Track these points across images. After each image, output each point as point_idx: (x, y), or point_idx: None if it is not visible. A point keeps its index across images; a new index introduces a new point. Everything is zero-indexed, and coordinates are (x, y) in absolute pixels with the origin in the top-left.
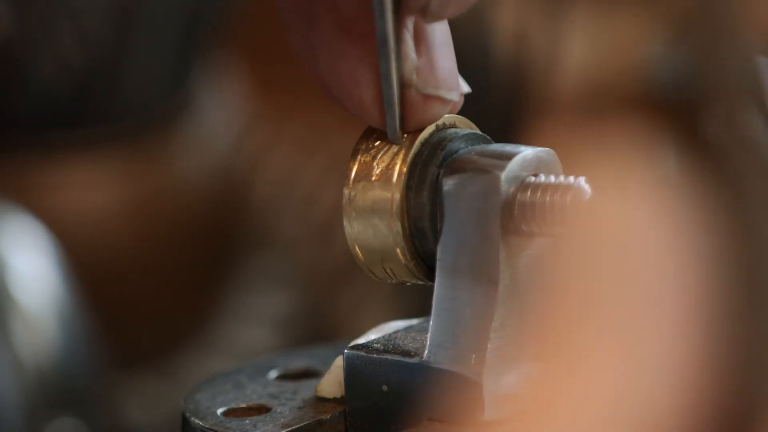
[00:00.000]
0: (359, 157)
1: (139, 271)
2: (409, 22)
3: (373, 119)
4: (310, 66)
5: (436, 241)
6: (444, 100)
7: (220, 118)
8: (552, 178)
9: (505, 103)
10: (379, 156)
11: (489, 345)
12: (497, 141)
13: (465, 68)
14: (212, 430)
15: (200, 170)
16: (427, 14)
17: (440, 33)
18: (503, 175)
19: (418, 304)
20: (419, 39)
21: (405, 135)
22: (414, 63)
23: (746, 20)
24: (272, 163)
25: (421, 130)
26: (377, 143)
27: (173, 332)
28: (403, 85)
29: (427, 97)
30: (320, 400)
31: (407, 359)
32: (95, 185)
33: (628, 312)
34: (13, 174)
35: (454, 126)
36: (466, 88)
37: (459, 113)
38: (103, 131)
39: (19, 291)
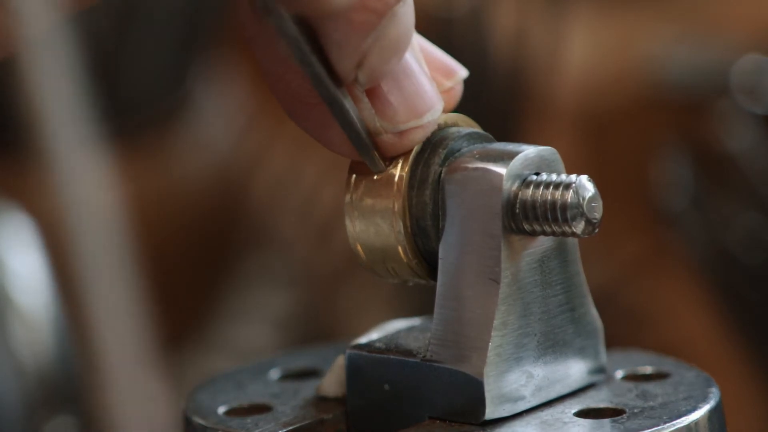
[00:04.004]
0: None
1: (139, 271)
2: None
3: (351, 155)
4: (290, 112)
5: (438, 239)
6: (420, 127)
7: (220, 117)
8: (554, 177)
9: (505, 103)
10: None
11: (490, 343)
12: (499, 140)
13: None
14: (214, 429)
15: (200, 170)
16: (359, 84)
17: (397, 62)
18: (505, 174)
19: (420, 304)
20: (371, 87)
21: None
22: (371, 113)
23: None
24: (271, 162)
25: None
26: None
27: (174, 332)
28: (372, 133)
29: (401, 134)
30: (321, 400)
31: (409, 358)
32: (94, 185)
33: None
34: (12, 174)
35: (456, 125)
36: (462, 72)
37: (459, 114)
38: (102, 131)
39: (18, 291)
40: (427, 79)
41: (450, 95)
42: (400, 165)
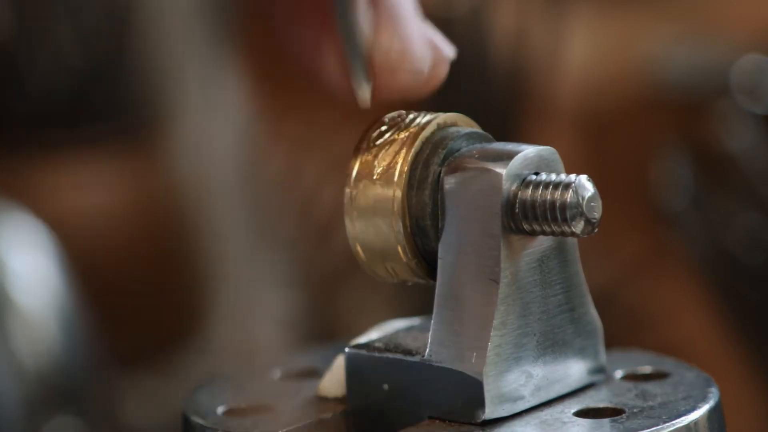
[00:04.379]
0: (360, 155)
1: (139, 270)
2: None
3: (339, 86)
4: (280, 37)
5: (437, 239)
6: (412, 71)
7: (219, 117)
8: (553, 177)
9: (505, 103)
10: (381, 155)
11: (490, 343)
12: (498, 140)
13: (465, 68)
14: (213, 429)
15: (199, 169)
16: None
17: (402, 4)
18: (504, 174)
19: (419, 304)
20: (379, 11)
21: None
22: (372, 25)
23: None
24: (271, 162)
25: (422, 128)
26: (379, 142)
27: (173, 332)
28: (369, 49)
29: (394, 70)
30: (321, 400)
31: (408, 358)
32: (94, 185)
33: None
34: (13, 174)
35: (455, 125)
36: (449, 51)
37: (458, 113)
38: (102, 131)
39: (18, 290)
40: (423, 27)
41: (435, 71)
42: (399, 165)
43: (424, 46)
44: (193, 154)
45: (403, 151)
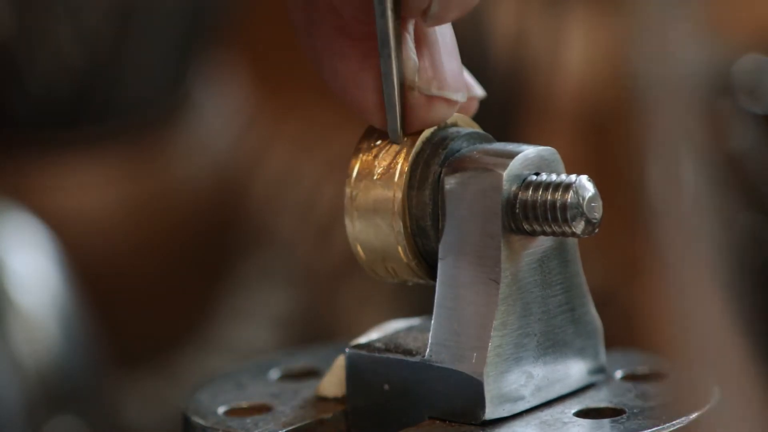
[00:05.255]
0: (361, 155)
1: (139, 271)
2: (410, 25)
3: (375, 120)
4: (315, 67)
5: (437, 239)
6: (449, 102)
7: (219, 117)
8: (554, 177)
9: (505, 103)
10: (381, 155)
11: (490, 343)
12: (498, 140)
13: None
14: (213, 429)
15: (199, 169)
16: (427, 18)
17: (443, 34)
18: (505, 174)
19: (419, 304)
20: (421, 41)
21: (406, 136)
22: (415, 64)
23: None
24: (271, 162)
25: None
26: (379, 142)
27: (173, 332)
28: (406, 87)
29: (431, 99)
30: (321, 400)
31: (409, 358)
32: (94, 185)
33: None
34: (12, 174)
35: (455, 125)
36: (479, 91)
37: (459, 114)
38: (102, 131)
39: (18, 290)
40: (461, 64)
41: (464, 109)
42: (399, 165)
43: (461, 85)
44: (194, 154)
45: (404, 151)
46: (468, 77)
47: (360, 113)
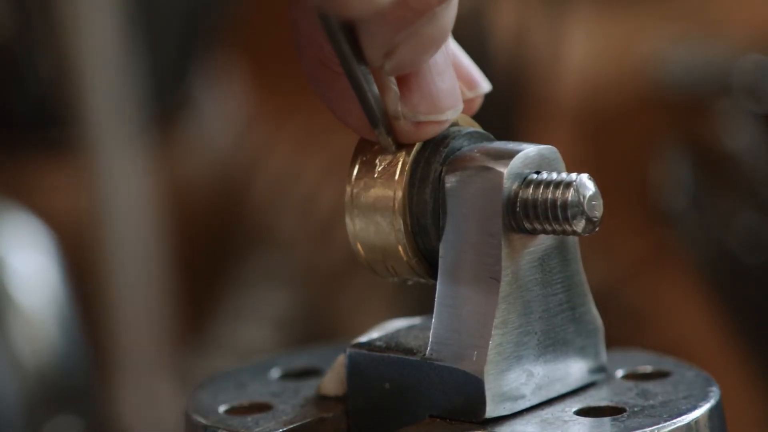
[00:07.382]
0: (361, 154)
1: (139, 270)
2: None
3: (368, 137)
4: (310, 82)
5: (438, 238)
6: (439, 122)
7: (220, 117)
8: (554, 176)
9: (505, 102)
10: (382, 153)
11: (491, 342)
12: (499, 139)
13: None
14: (214, 427)
15: (200, 169)
16: (385, 71)
17: (428, 59)
18: (506, 173)
19: (420, 303)
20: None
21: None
22: (396, 94)
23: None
24: (272, 162)
25: None
26: None
27: (173, 332)
28: (390, 117)
29: (419, 123)
30: (322, 398)
31: (409, 357)
32: (94, 185)
33: None
34: (12, 174)
35: (456, 124)
36: (485, 86)
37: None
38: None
39: (18, 290)
40: (453, 80)
41: (469, 105)
42: (400, 163)
43: (453, 101)
44: (195, 155)
45: (404, 149)
46: (475, 71)
47: (353, 130)
